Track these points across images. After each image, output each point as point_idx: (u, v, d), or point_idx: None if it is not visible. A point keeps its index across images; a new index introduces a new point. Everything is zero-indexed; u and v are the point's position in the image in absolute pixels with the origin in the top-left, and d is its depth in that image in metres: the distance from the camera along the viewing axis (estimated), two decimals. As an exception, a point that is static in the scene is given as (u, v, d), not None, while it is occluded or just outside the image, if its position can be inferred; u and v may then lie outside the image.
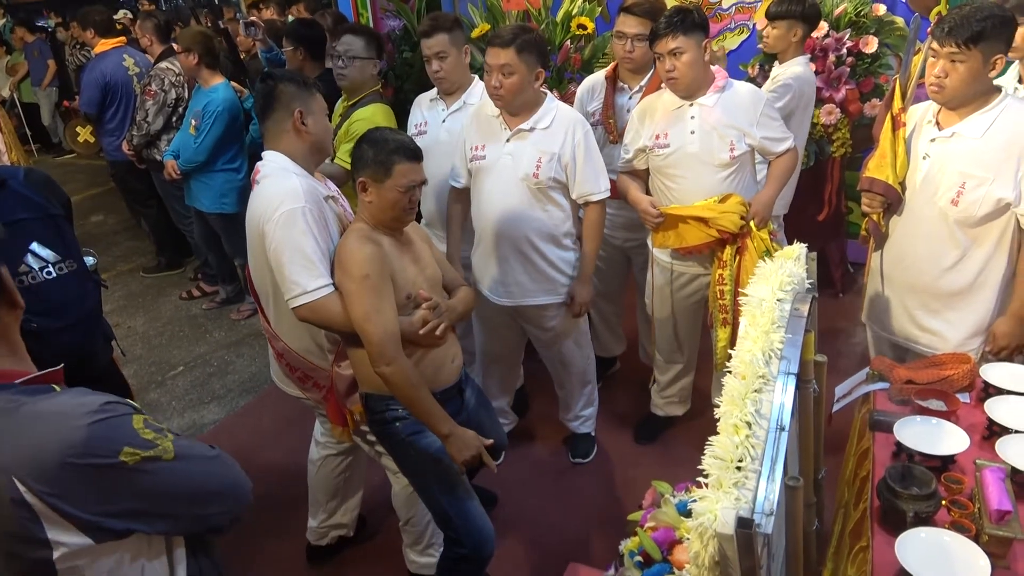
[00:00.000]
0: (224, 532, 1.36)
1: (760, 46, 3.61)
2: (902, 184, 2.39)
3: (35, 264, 2.09)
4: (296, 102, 2.15)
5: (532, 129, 2.69)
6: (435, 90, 3.12)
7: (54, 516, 1.11)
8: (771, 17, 3.37)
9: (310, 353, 2.30)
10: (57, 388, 1.22)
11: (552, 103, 2.73)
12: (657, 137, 2.77)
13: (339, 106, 3.33)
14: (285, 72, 2.23)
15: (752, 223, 2.69)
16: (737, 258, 2.72)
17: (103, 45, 5.06)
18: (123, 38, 5.27)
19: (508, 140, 2.72)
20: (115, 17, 7.11)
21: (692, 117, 2.71)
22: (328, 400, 2.31)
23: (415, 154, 2.09)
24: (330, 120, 2.35)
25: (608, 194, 2.78)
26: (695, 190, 2.74)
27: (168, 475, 1.20)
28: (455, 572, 2.29)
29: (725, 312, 2.77)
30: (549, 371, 3.23)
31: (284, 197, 2.06)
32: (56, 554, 1.12)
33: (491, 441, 2.14)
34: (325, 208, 2.17)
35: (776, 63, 3.50)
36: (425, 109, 3.17)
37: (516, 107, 2.67)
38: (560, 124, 2.68)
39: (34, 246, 2.10)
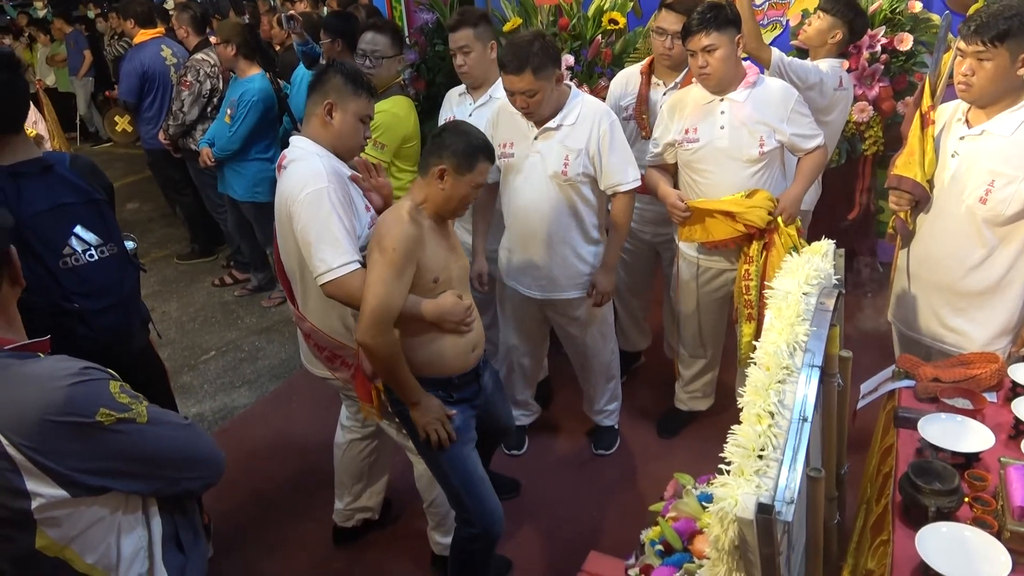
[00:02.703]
0: (195, 495, 1.46)
1: (795, 41, 3.57)
2: (930, 182, 2.38)
3: (78, 247, 2.15)
4: (333, 94, 2.21)
5: (559, 126, 2.69)
6: (463, 85, 3.15)
7: (33, 469, 1.21)
8: (820, 7, 3.27)
9: (337, 333, 2.34)
10: (42, 356, 1.32)
11: (577, 97, 2.73)
12: (687, 131, 2.77)
13: None
14: (350, 67, 2.28)
15: (780, 219, 2.69)
16: (764, 254, 2.72)
17: (142, 35, 5.15)
18: (162, 28, 5.35)
19: (536, 138, 2.73)
20: (164, 6, 7.20)
21: (722, 112, 2.71)
22: (356, 379, 2.36)
23: (492, 156, 2.20)
24: None
25: (638, 184, 2.78)
26: (723, 185, 2.74)
27: (141, 437, 1.31)
28: (467, 551, 2.36)
29: (750, 307, 2.78)
30: (573, 367, 3.25)
31: (309, 178, 2.12)
32: (34, 504, 1.23)
33: (454, 412, 2.22)
34: (349, 187, 2.23)
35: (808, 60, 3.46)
36: (454, 104, 3.21)
37: (545, 114, 2.68)
38: (586, 119, 2.69)
39: (78, 229, 2.16)
